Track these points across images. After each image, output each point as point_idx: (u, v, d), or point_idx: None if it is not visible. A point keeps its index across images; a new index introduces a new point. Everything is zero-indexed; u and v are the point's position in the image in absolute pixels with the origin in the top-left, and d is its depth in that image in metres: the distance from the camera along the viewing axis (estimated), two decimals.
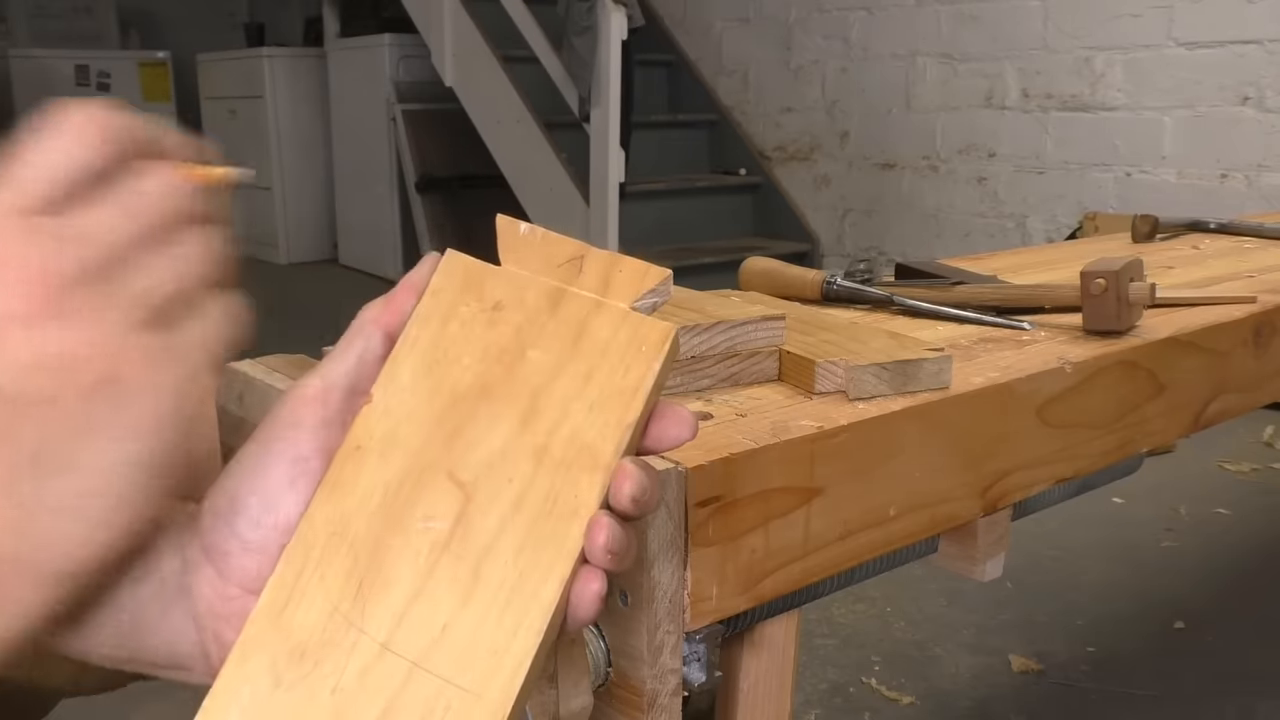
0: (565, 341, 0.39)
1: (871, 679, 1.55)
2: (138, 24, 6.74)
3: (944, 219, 3.78)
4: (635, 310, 0.39)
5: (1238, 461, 2.43)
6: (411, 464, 0.37)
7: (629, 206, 3.59)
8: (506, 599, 0.36)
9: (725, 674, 0.62)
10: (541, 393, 0.38)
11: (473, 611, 0.35)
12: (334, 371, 0.39)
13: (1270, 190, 2.98)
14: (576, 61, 3.49)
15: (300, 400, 0.39)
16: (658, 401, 0.40)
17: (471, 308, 0.39)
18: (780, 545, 0.57)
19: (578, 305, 0.39)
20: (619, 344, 0.39)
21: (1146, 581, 1.88)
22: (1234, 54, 3.00)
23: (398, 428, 0.38)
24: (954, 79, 3.66)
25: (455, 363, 0.38)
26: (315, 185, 5.23)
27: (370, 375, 0.39)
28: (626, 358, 0.38)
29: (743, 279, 0.93)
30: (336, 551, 0.36)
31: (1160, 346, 0.80)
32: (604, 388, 0.38)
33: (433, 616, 0.35)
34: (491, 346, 0.39)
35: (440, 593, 0.36)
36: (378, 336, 0.39)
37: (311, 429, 0.38)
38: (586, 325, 0.39)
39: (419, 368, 0.38)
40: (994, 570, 0.72)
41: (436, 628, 0.35)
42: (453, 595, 0.36)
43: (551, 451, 0.37)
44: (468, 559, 0.36)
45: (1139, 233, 1.36)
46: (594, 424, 0.37)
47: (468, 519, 0.37)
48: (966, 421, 0.66)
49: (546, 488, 0.37)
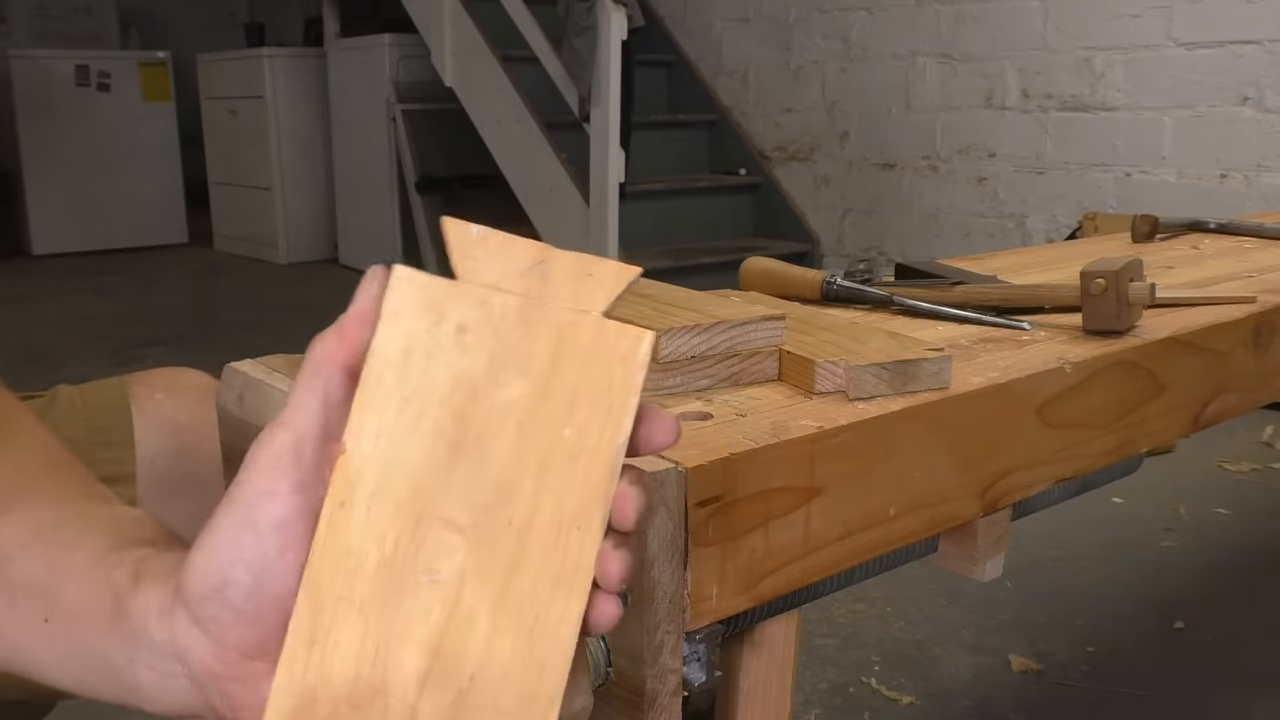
0: (542, 362, 0.36)
1: (871, 679, 1.55)
2: (138, 24, 6.75)
3: (944, 219, 3.78)
4: (610, 318, 0.36)
5: (1237, 461, 2.43)
6: (403, 515, 0.35)
7: (629, 206, 3.58)
8: (527, 642, 0.35)
9: (725, 674, 0.62)
10: (526, 422, 0.36)
11: (495, 659, 0.35)
12: (300, 420, 0.37)
13: (1270, 190, 2.97)
14: (576, 61, 3.49)
15: (272, 460, 0.36)
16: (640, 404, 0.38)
17: (434, 333, 0.36)
18: (780, 545, 0.57)
19: (550, 320, 0.36)
20: (599, 358, 0.36)
21: (1146, 581, 1.88)
22: (1234, 54, 3.00)
23: (379, 478, 0.36)
24: (954, 79, 3.66)
25: (428, 398, 0.36)
26: (315, 185, 5.23)
27: (338, 419, 0.36)
28: (609, 373, 0.36)
29: (743, 279, 0.93)
30: (346, 618, 0.35)
31: (1160, 346, 0.80)
32: (590, 407, 0.36)
33: (457, 670, 0.35)
34: (464, 376, 0.36)
35: (459, 645, 0.35)
36: (337, 376, 0.37)
37: (289, 492, 0.36)
38: (562, 341, 0.36)
39: (390, 409, 0.36)
40: (994, 570, 0.72)
41: (464, 680, 0.35)
42: (472, 646, 0.35)
43: (546, 483, 0.35)
44: (481, 608, 0.35)
45: (1139, 233, 1.36)
46: (585, 448, 0.36)
47: (473, 567, 0.35)
48: (966, 421, 0.66)
49: (549, 522, 0.35)
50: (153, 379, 0.83)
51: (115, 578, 0.40)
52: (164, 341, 3.62)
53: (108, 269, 5.09)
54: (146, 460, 0.78)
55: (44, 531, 0.44)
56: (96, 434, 0.77)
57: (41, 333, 3.82)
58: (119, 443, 0.78)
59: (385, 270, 0.37)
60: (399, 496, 0.35)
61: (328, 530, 0.36)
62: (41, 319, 4.05)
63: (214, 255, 5.61)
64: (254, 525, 0.36)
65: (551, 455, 0.36)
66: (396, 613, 0.35)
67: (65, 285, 4.73)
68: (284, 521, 0.36)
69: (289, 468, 0.36)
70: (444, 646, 0.35)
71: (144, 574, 0.40)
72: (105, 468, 0.76)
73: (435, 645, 0.35)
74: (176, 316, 4.11)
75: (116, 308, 4.22)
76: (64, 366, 3.29)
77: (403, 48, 4.55)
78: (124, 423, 0.78)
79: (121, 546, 0.42)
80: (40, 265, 5.22)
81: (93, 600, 0.41)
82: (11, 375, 0.59)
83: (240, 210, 5.52)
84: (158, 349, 3.49)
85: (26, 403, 0.77)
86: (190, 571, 0.37)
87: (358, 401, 0.36)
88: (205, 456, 0.78)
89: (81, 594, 0.41)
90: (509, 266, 0.37)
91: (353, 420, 0.36)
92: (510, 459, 0.36)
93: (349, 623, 0.35)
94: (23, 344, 3.64)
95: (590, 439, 0.36)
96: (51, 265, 5.21)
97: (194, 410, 0.81)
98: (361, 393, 0.36)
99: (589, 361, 0.36)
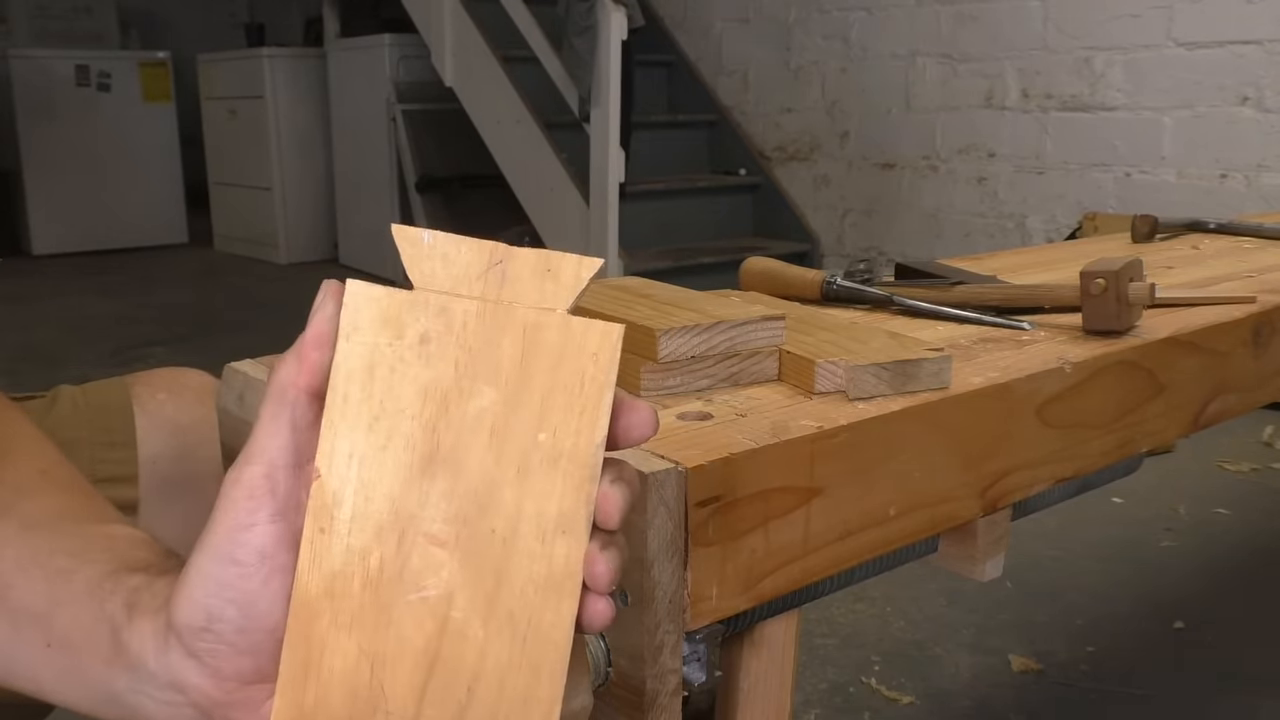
0: (510, 367, 0.35)
1: (871, 679, 1.55)
2: (138, 24, 6.75)
3: (944, 219, 3.78)
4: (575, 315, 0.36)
5: (1237, 461, 2.43)
6: (385, 534, 0.35)
7: (629, 206, 3.58)
8: (522, 649, 0.35)
9: (725, 674, 0.62)
10: (499, 429, 0.35)
11: (492, 668, 0.35)
12: (270, 449, 0.36)
13: (1270, 190, 2.97)
14: (576, 61, 3.49)
15: (247, 493, 0.36)
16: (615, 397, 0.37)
17: (395, 347, 0.35)
18: (780, 545, 0.57)
19: (513, 322, 0.35)
20: (568, 357, 0.35)
21: (1146, 581, 1.88)
22: (1234, 54, 3.00)
23: (357, 500, 0.35)
24: (954, 79, 3.66)
25: (397, 414, 0.35)
26: (315, 185, 5.23)
27: (308, 443, 0.36)
28: (580, 370, 0.35)
29: (743, 279, 0.93)
30: (338, 640, 0.35)
31: (1160, 346, 0.81)
32: (564, 409, 0.35)
33: (455, 682, 0.35)
34: (431, 388, 0.35)
35: (454, 658, 0.35)
36: (303, 400, 0.36)
37: (267, 523, 0.36)
38: (529, 343, 0.35)
39: (359, 429, 0.35)
40: (994, 570, 0.72)
41: (462, 692, 0.35)
42: (467, 658, 0.35)
43: (526, 489, 0.35)
44: (473, 619, 0.35)
45: (1139, 233, 1.36)
46: (563, 450, 0.35)
47: (461, 580, 0.35)
48: (966, 421, 0.66)
49: (532, 530, 0.35)
50: (154, 379, 0.83)
51: (110, 609, 0.40)
52: (164, 342, 3.62)
53: (108, 269, 5.09)
54: (149, 460, 0.78)
55: (41, 556, 0.44)
56: (99, 434, 0.77)
57: (41, 333, 3.82)
58: (121, 443, 0.78)
59: (339, 285, 0.36)
60: (379, 516, 0.35)
61: (310, 556, 0.35)
62: (41, 319, 4.05)
63: (214, 255, 5.61)
64: (235, 558, 0.36)
65: (529, 461, 0.35)
66: (388, 632, 0.35)
67: (65, 285, 4.73)
68: (265, 551, 0.36)
69: (265, 497, 0.36)
70: (439, 660, 0.35)
71: (138, 606, 0.40)
72: (108, 468, 0.76)
73: (430, 660, 0.35)
74: (177, 316, 4.11)
75: (117, 308, 4.22)
76: (64, 367, 3.29)
77: (403, 48, 4.55)
78: (126, 423, 0.78)
79: (117, 572, 0.42)
80: (40, 265, 5.22)
81: (91, 631, 0.41)
82: (11, 375, 0.59)
83: (240, 210, 5.52)
84: (158, 349, 3.50)
85: (28, 404, 0.77)
86: (177, 608, 0.37)
87: (325, 424, 0.35)
88: (207, 456, 0.78)
89: (80, 624, 0.41)
90: (465, 270, 0.36)
91: (323, 444, 0.35)
92: (487, 468, 0.35)
93: (341, 645, 0.35)
94: (23, 344, 3.64)
95: (566, 441, 0.35)
96: (51, 265, 5.21)
97: (195, 410, 0.81)
98: (328, 415, 0.35)
99: (558, 362, 0.35)
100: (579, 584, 0.35)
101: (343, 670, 0.35)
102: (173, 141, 5.72)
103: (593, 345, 0.35)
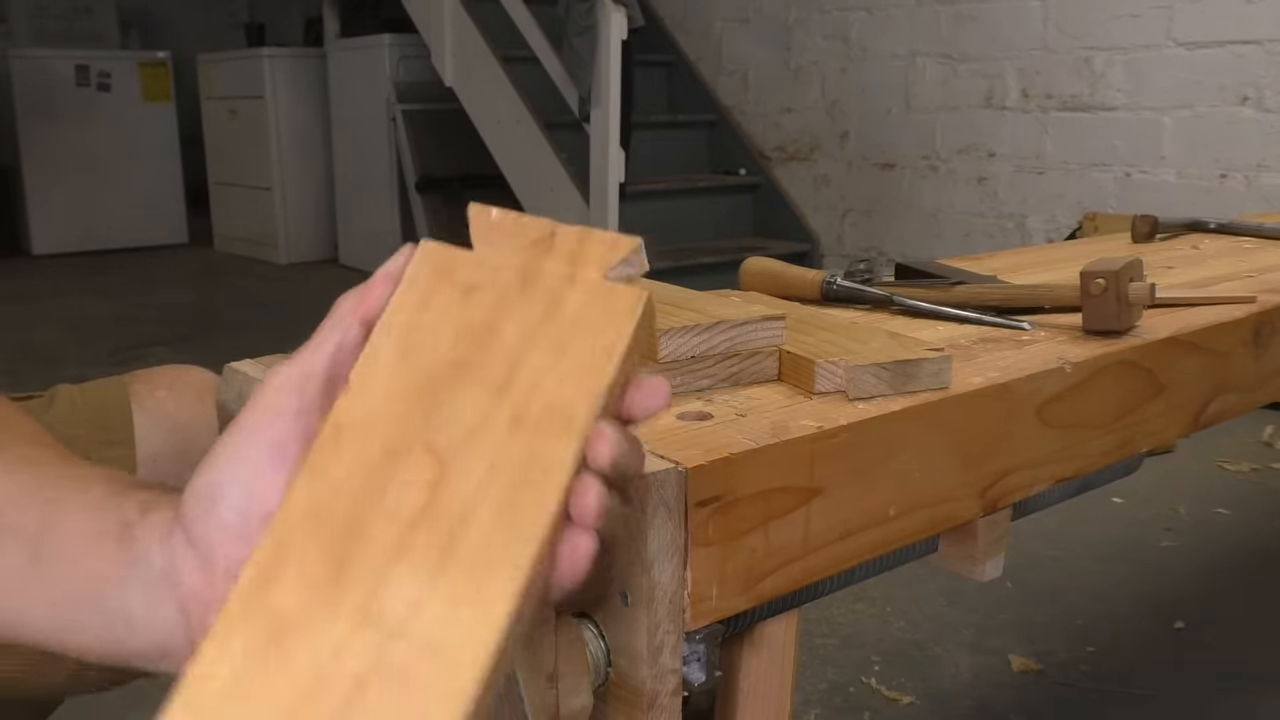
0: (538, 314, 0.39)
1: (871, 679, 1.55)
2: (138, 24, 6.75)
3: (944, 219, 3.78)
4: (607, 280, 0.40)
5: (1237, 461, 2.43)
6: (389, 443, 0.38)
7: (629, 206, 3.58)
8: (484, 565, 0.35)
9: (725, 674, 0.62)
10: (516, 365, 0.39)
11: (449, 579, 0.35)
12: (312, 361, 0.40)
13: (1270, 190, 2.98)
14: (576, 61, 3.49)
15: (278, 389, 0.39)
16: (636, 372, 0.40)
17: (446, 292, 0.40)
18: (780, 545, 0.57)
19: (549, 279, 0.40)
20: (591, 313, 0.39)
21: (1146, 581, 1.88)
22: (1234, 54, 3.00)
23: (376, 410, 0.38)
24: (954, 79, 3.66)
25: (431, 345, 0.39)
26: (315, 185, 5.23)
27: (348, 364, 0.39)
28: (599, 325, 0.39)
29: (743, 279, 0.93)
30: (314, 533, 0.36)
31: (1160, 346, 0.81)
32: (577, 355, 0.39)
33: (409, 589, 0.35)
34: (466, 326, 0.39)
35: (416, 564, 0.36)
36: (355, 327, 0.40)
37: (290, 417, 0.39)
38: (559, 297, 0.40)
39: (396, 352, 0.39)
40: (994, 570, 0.72)
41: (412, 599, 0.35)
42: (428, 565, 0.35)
43: (527, 420, 0.38)
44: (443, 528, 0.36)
45: (1139, 233, 1.36)
46: (568, 391, 0.38)
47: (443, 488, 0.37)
48: (966, 421, 0.66)
49: (522, 454, 0.37)
50: (153, 377, 0.83)
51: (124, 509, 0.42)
52: (164, 341, 3.62)
53: (108, 269, 5.09)
54: (148, 459, 0.78)
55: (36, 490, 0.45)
56: (97, 433, 0.77)
57: (41, 333, 3.82)
58: (120, 441, 0.78)
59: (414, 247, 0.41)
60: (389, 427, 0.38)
61: (318, 454, 0.38)
62: (41, 319, 4.05)
63: (214, 255, 5.61)
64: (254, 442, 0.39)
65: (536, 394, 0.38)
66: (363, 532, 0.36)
67: (65, 285, 4.73)
68: (281, 442, 0.39)
69: (293, 394, 0.39)
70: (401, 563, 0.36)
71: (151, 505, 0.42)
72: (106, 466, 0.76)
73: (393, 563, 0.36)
74: (177, 316, 4.11)
75: (117, 308, 4.22)
76: (64, 366, 3.29)
77: (403, 48, 4.55)
78: (125, 421, 0.78)
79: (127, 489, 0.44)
80: (40, 265, 5.22)
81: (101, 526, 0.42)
82: (11, 375, 0.59)
83: (240, 210, 5.52)
84: (158, 349, 3.50)
85: (26, 403, 0.77)
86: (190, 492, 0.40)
87: (368, 346, 0.39)
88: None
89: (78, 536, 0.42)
90: (521, 241, 0.41)
91: (360, 362, 0.39)
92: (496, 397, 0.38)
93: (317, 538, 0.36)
94: (23, 344, 3.64)
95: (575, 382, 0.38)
96: (51, 265, 5.21)
97: (195, 408, 0.81)
98: (373, 339, 0.39)
99: (581, 316, 0.39)
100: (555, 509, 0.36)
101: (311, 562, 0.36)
102: (173, 141, 5.72)
103: (615, 305, 0.39)
